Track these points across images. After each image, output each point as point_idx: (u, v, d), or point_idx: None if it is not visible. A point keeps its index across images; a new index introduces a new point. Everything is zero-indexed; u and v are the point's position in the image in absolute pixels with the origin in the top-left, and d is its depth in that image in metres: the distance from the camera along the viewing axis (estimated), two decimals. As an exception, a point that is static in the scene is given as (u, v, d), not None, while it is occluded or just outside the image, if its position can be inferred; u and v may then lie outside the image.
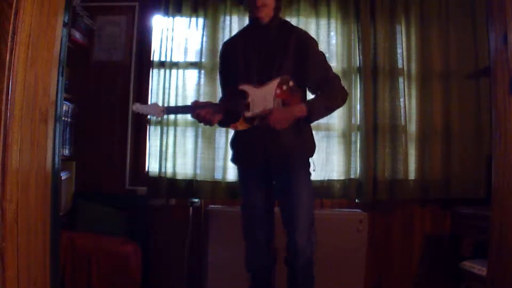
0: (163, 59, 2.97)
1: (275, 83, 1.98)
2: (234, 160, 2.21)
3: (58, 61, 1.51)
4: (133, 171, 3.08)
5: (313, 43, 2.10)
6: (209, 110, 1.95)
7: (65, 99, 2.67)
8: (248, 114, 1.99)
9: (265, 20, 2.04)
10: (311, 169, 2.12)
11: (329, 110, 2.13)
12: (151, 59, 3.00)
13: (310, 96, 2.14)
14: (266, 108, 1.96)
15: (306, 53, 2.02)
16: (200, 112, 1.94)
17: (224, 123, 2.12)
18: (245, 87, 1.99)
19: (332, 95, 2.07)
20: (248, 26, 2.18)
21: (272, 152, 2.03)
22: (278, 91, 1.98)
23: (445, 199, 2.96)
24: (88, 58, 3.11)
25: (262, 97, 1.97)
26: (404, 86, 2.97)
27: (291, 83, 1.98)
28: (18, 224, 1.24)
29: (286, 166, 2.05)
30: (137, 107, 1.96)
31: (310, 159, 2.13)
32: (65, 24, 1.73)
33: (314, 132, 2.18)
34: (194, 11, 2.99)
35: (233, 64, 2.10)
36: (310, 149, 2.12)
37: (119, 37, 3.13)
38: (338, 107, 2.16)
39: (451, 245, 2.94)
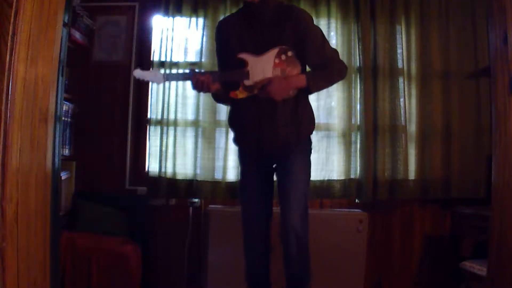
0: (163, 59, 2.96)
1: (274, 52, 1.98)
2: (234, 140, 2.22)
3: (58, 61, 1.51)
4: (133, 171, 3.08)
5: (309, 19, 2.09)
6: (208, 76, 1.95)
7: (65, 99, 2.67)
8: (248, 82, 1.99)
9: (256, 0, 2.03)
10: (311, 146, 2.14)
11: (328, 83, 2.14)
12: (151, 59, 3.00)
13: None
14: (265, 77, 1.97)
15: (303, 29, 2.02)
16: (200, 77, 1.94)
17: (222, 95, 2.12)
18: (244, 55, 2.00)
19: (331, 70, 2.08)
20: (241, 8, 2.17)
21: (269, 132, 2.02)
22: (277, 60, 1.98)
23: (445, 199, 2.96)
24: (88, 58, 3.11)
25: (261, 66, 1.98)
26: (404, 86, 2.97)
27: (289, 53, 1.99)
28: (18, 224, 1.24)
29: (283, 146, 2.05)
30: (138, 73, 1.97)
31: (311, 136, 2.13)
32: (65, 24, 1.74)
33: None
34: (194, 11, 2.99)
35: (231, 38, 2.10)
36: (309, 126, 2.12)
37: (119, 37, 3.12)
38: (337, 81, 2.18)
39: (451, 245, 2.94)
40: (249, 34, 2.05)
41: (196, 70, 2.03)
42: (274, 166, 2.16)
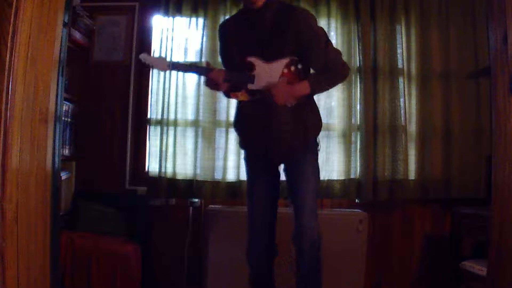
0: (163, 59, 2.96)
1: (284, 61, 1.99)
2: (240, 144, 2.23)
3: (58, 61, 1.51)
4: (133, 171, 3.08)
5: (312, 20, 2.07)
6: (221, 73, 1.96)
7: (65, 99, 2.67)
8: (251, 86, 1.99)
9: (258, 4, 2.00)
10: (318, 146, 2.14)
11: (331, 85, 2.15)
12: (151, 59, 2.99)
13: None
14: (270, 83, 1.97)
15: (306, 31, 2.00)
16: (212, 74, 1.95)
17: (226, 92, 2.14)
18: (253, 59, 1.99)
19: (334, 71, 2.07)
20: (243, 9, 2.13)
21: (276, 136, 2.02)
22: (285, 70, 1.99)
23: (445, 199, 2.96)
24: (88, 58, 3.11)
25: (268, 72, 1.98)
26: (404, 86, 2.97)
27: (299, 66, 2.00)
28: (18, 224, 1.24)
29: (291, 149, 2.05)
30: (144, 57, 1.97)
31: (317, 138, 2.14)
32: (65, 24, 1.73)
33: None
34: (194, 11, 2.99)
35: (236, 39, 2.09)
36: (316, 128, 2.12)
37: (119, 37, 3.13)
38: (340, 82, 2.19)
39: (451, 245, 2.94)
40: (256, 38, 2.03)
41: (207, 67, 2.01)
42: (281, 167, 2.17)
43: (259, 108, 2.02)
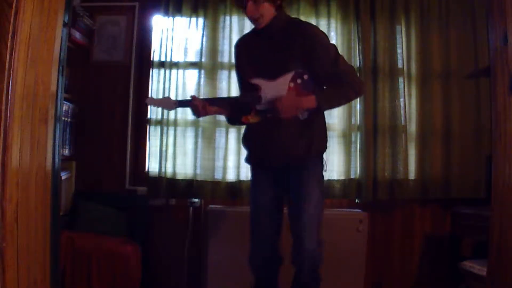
0: (163, 59, 2.96)
1: (289, 76, 1.95)
2: (246, 159, 2.21)
3: (58, 61, 1.51)
4: (133, 171, 3.08)
5: (320, 34, 2.04)
6: (202, 102, 1.98)
7: (65, 99, 2.67)
8: (260, 107, 1.98)
9: (261, 26, 2.01)
10: (324, 167, 2.11)
11: (341, 101, 2.09)
12: (151, 59, 3.00)
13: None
14: (277, 97, 1.94)
15: (314, 45, 1.97)
16: (194, 103, 1.97)
17: (235, 119, 2.14)
18: (257, 81, 1.98)
19: (343, 86, 2.00)
20: (254, 28, 2.12)
21: (279, 146, 2.00)
22: (291, 84, 1.95)
23: (445, 199, 2.96)
24: (88, 58, 3.11)
25: (275, 90, 1.95)
26: (404, 86, 2.97)
27: (305, 77, 1.96)
28: (18, 224, 1.24)
29: (293, 161, 2.03)
30: (150, 101, 2.01)
31: (324, 155, 2.11)
32: (65, 24, 1.73)
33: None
34: (194, 11, 2.99)
35: (245, 60, 2.11)
36: (321, 143, 2.08)
37: (119, 37, 3.12)
38: (352, 98, 2.11)
39: (451, 245, 2.94)
40: (262, 57, 2.03)
41: (197, 97, 2.02)
42: (286, 177, 2.11)
43: (268, 122, 2.00)
